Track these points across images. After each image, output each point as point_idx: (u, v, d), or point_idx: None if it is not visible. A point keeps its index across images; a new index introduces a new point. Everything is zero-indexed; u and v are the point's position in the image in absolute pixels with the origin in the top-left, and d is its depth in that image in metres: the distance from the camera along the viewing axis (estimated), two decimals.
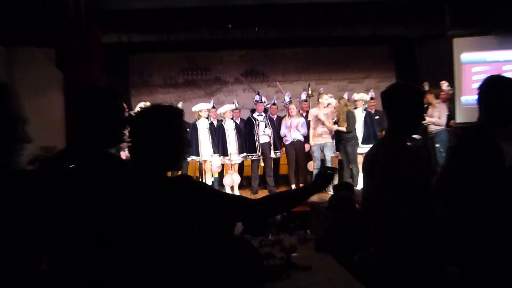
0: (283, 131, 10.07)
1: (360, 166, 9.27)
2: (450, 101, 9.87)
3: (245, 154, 10.09)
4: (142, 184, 2.11)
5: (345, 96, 10.21)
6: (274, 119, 10.53)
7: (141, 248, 2.01)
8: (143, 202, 2.05)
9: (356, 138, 9.52)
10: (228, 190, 9.98)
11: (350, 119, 9.30)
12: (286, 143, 10.11)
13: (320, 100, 9.82)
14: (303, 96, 10.35)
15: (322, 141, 9.65)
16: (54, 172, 2.13)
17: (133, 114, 2.25)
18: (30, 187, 2.01)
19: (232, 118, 10.18)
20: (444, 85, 9.72)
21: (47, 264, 2.09)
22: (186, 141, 2.26)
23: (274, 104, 10.71)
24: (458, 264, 3.02)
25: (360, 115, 9.81)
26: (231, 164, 10.01)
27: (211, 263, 3.05)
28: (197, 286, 2.54)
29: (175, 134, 2.17)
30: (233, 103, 10.61)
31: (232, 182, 9.95)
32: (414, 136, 9.67)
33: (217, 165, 9.91)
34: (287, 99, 10.56)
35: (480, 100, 3.07)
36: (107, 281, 2.03)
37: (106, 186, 2.08)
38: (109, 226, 2.02)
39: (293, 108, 10.01)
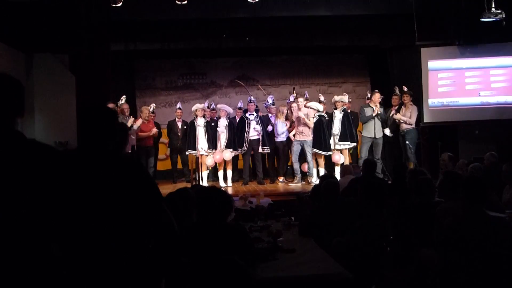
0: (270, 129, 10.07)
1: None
2: (419, 103, 9.83)
3: (237, 149, 10.04)
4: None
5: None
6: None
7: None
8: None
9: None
10: (221, 182, 9.96)
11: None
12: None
13: (299, 102, 9.71)
14: (291, 98, 10.30)
15: (302, 138, 9.56)
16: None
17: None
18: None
19: (227, 117, 10.11)
20: (405, 89, 9.64)
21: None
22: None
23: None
24: None
25: (338, 115, 9.76)
26: (223, 159, 9.95)
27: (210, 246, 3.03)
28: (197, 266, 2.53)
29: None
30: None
31: (213, 162, 9.95)
32: (387, 133, 9.69)
33: (210, 162, 9.87)
34: (270, 101, 10.53)
35: None
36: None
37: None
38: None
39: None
